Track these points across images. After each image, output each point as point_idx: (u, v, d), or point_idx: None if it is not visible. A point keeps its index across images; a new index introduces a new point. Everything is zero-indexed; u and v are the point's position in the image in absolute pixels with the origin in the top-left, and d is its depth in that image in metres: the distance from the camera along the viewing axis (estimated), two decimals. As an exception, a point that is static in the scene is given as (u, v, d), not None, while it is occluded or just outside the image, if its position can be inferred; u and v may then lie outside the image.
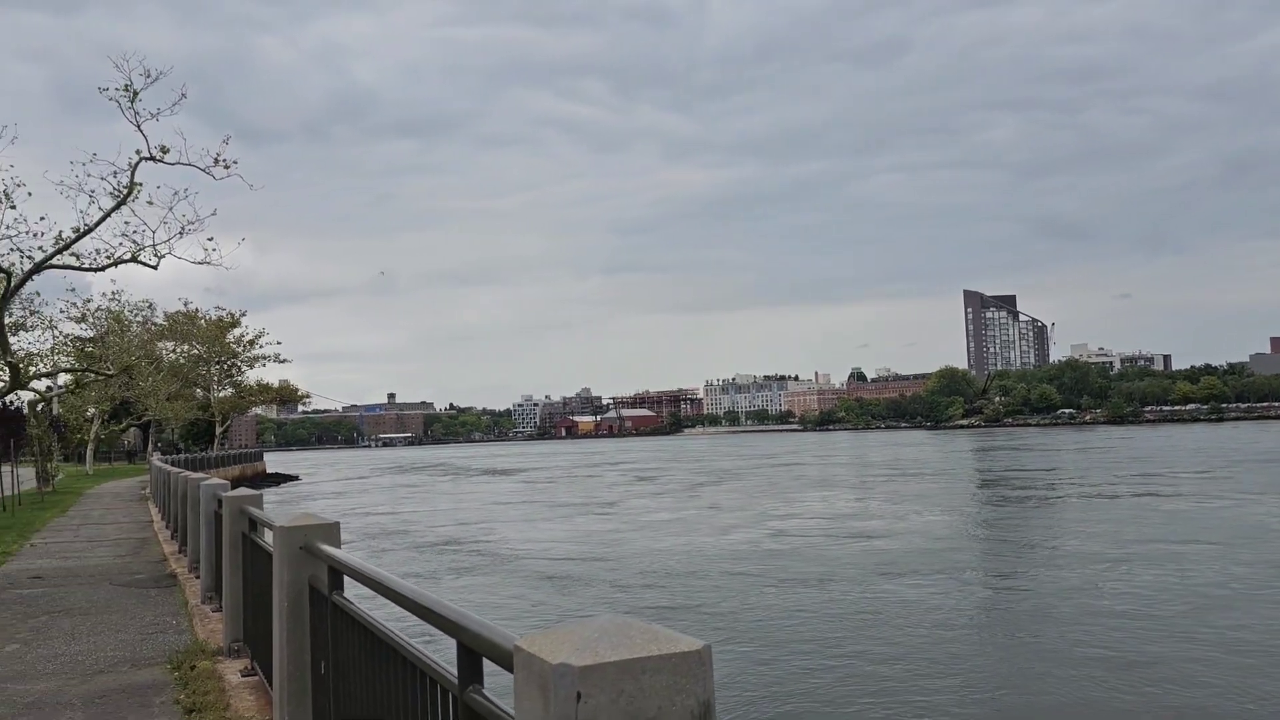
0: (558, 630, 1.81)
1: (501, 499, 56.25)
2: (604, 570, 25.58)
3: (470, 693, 2.54)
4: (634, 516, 41.27)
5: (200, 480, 11.77)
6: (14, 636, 9.65)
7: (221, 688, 6.93)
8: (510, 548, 31.15)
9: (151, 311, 56.38)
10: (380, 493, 67.37)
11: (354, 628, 3.92)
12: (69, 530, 22.09)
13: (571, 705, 1.66)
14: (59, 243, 21.53)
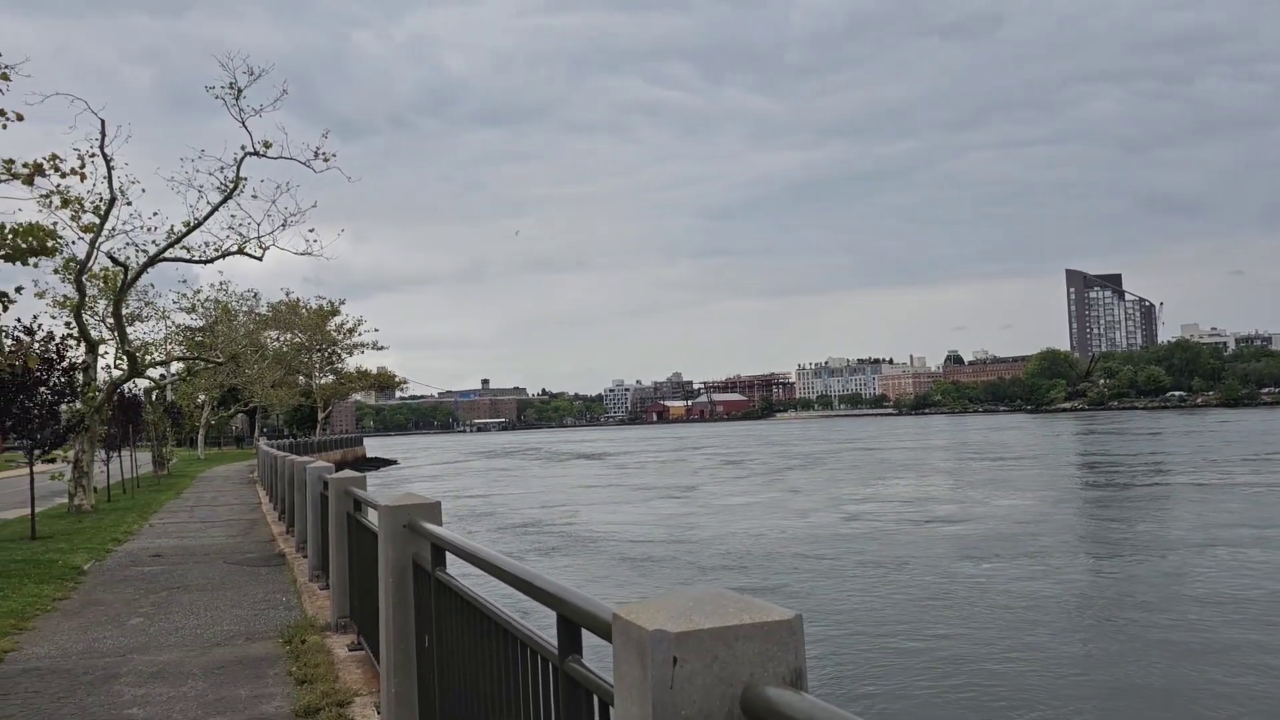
0: (654, 600, 1.89)
1: (589, 482, 56.85)
2: (683, 551, 25.75)
3: (570, 662, 2.65)
4: (716, 499, 41.38)
5: (306, 464, 12.22)
6: (138, 610, 10.18)
7: (330, 661, 7.22)
8: (594, 529, 31.51)
9: (256, 301, 58.27)
10: (474, 476, 68.66)
11: (456, 602, 4.07)
12: (184, 511, 23.10)
13: (668, 669, 1.74)
14: (171, 236, 22.44)
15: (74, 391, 19.58)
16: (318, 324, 76.17)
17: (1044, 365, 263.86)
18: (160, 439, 41.66)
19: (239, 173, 21.81)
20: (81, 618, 9.92)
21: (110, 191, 20.52)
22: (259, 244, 22.93)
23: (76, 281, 22.68)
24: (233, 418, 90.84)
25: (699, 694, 1.75)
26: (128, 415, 29.73)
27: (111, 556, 14.86)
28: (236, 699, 6.60)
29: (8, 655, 8.22)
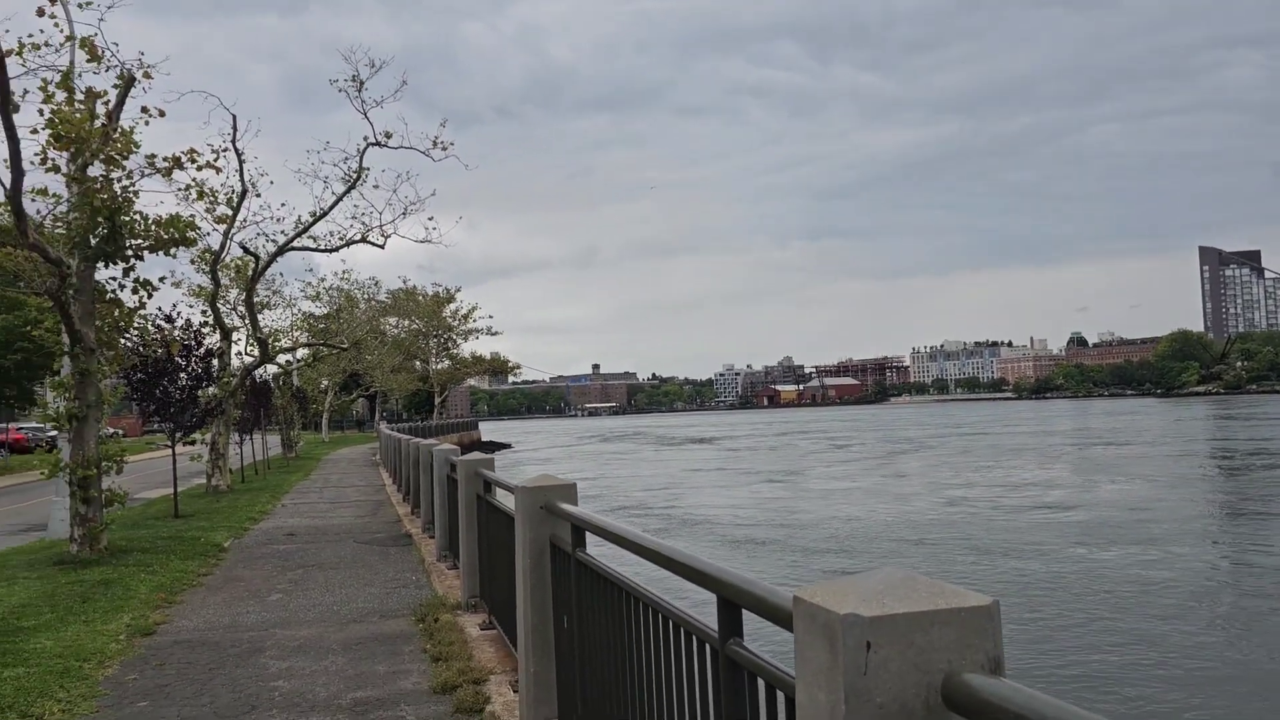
0: (839, 582, 1.82)
1: (697, 466, 56.87)
2: (787, 534, 25.51)
3: (732, 645, 2.60)
4: (821, 484, 40.95)
5: (432, 447, 12.48)
6: (276, 587, 10.57)
7: (464, 639, 7.35)
8: (699, 512, 31.46)
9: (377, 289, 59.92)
10: (585, 459, 69.40)
11: (599, 583, 4.07)
12: (313, 492, 23.93)
13: (861, 655, 1.67)
14: (298, 226, 23.22)
15: (210, 377, 20.43)
16: (434, 311, 77.88)
17: (1175, 347, 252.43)
18: (288, 423, 43.28)
19: (361, 163, 22.43)
20: (225, 593, 10.34)
21: (242, 184, 21.34)
22: (381, 232, 23.56)
23: (212, 271, 23.67)
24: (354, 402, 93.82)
25: (893, 680, 1.67)
26: (259, 399, 30.92)
27: (249, 534, 15.48)
28: (375, 674, 6.78)
29: (159, 627, 8.63)
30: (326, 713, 5.93)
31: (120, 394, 16.54)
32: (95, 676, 6.93)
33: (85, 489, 12.69)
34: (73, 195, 13.02)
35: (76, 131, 12.40)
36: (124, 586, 10.51)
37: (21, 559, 12.99)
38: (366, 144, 22.30)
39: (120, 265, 13.58)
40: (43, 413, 16.18)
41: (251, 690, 6.48)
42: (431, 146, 22.55)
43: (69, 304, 12.53)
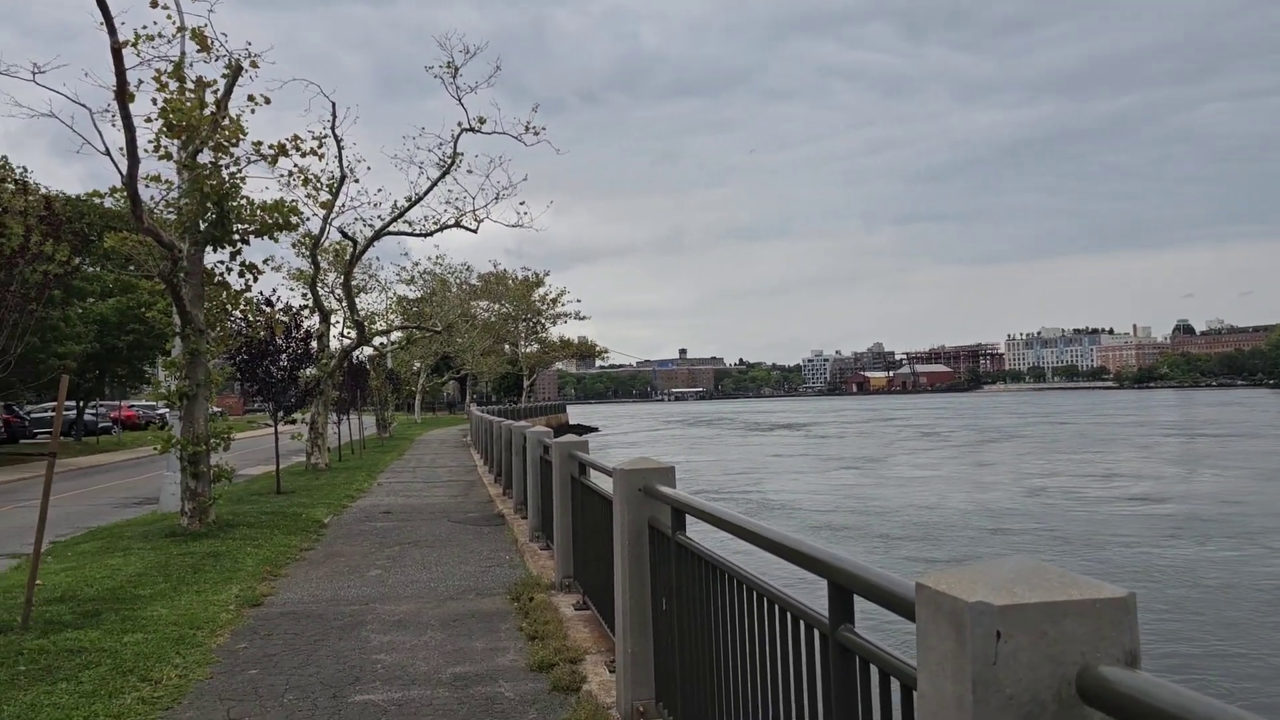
0: (965, 570, 1.79)
1: (781, 451, 56.51)
2: (866, 521, 25.19)
3: (843, 631, 2.58)
4: (905, 471, 40.37)
5: (525, 429, 12.63)
6: (374, 563, 10.84)
7: (559, 619, 7.44)
8: (780, 497, 31.25)
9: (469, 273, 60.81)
10: (671, 443, 69.48)
11: (700, 566, 4.07)
12: (407, 472, 24.45)
13: (990, 644, 1.64)
14: (394, 211, 23.68)
15: (310, 358, 21.00)
16: (523, 295, 78.75)
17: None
18: (383, 404, 44.28)
19: (455, 148, 22.74)
20: (326, 567, 10.64)
21: (340, 170, 21.85)
22: (474, 217, 23.89)
23: (312, 255, 24.30)
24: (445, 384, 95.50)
25: (1024, 672, 1.64)
26: (356, 380, 31.68)
27: (347, 511, 15.90)
28: (473, 651, 6.90)
29: (266, 599, 8.92)
30: (427, 686, 6.06)
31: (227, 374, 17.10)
32: (208, 644, 7.20)
33: (195, 465, 13.17)
34: (184, 181, 13.48)
35: (188, 120, 12.83)
36: (232, 559, 10.89)
37: (136, 530, 13.55)
38: (460, 129, 22.62)
39: (228, 249, 14.03)
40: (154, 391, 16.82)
41: (354, 662, 6.66)
42: (524, 131, 22.77)
43: (180, 286, 12.99)
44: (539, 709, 5.56)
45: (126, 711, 5.62)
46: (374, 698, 5.86)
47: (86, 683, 6.13)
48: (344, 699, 5.85)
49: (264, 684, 6.21)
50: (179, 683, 6.23)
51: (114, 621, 7.82)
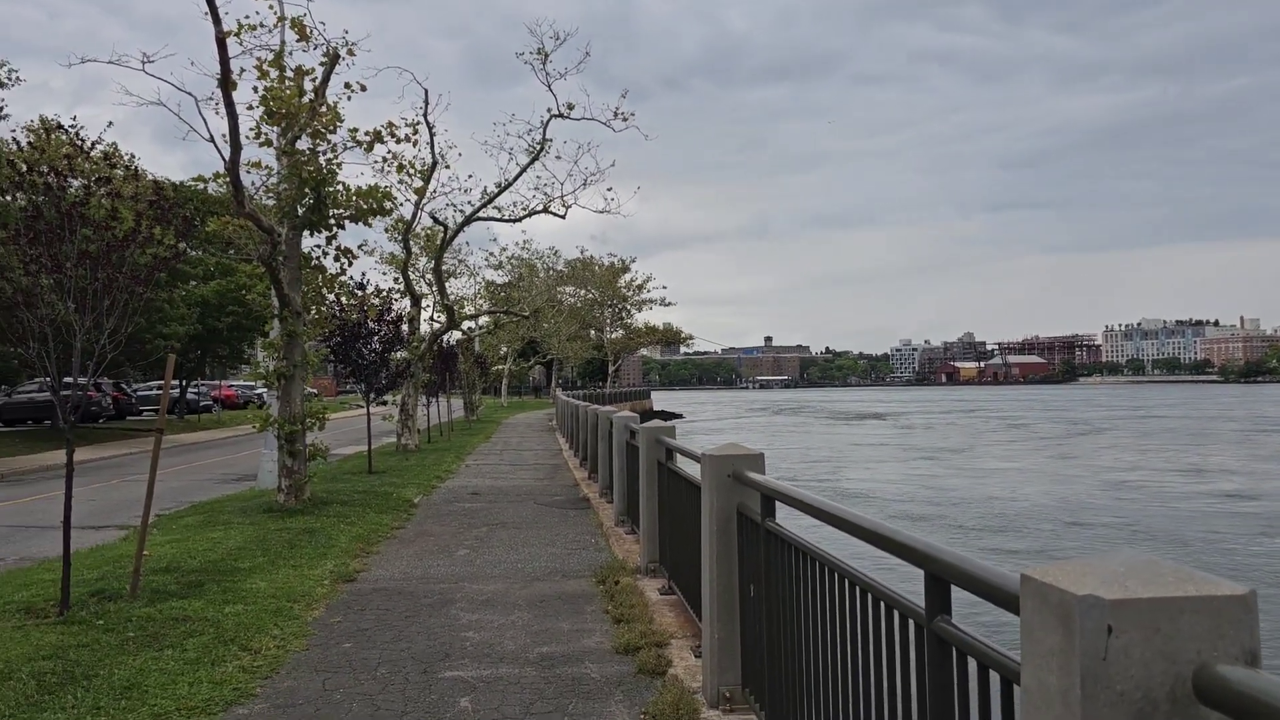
0: (1074, 563, 1.74)
1: (864, 440, 55.86)
2: (943, 511, 24.71)
3: (939, 622, 2.54)
4: (986, 462, 39.59)
5: (612, 414, 12.70)
6: (463, 543, 11.03)
7: (644, 603, 7.48)
8: (858, 486, 30.84)
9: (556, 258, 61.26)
10: (754, 431, 69.17)
11: (791, 553, 4.05)
12: (494, 455, 24.80)
13: (1101, 639, 1.59)
14: (484, 197, 23.96)
15: (401, 341, 21.41)
16: (609, 281, 79.08)
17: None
18: (470, 387, 44.96)
19: (545, 134, 22.90)
20: (416, 546, 10.87)
21: (432, 156, 22.17)
22: (562, 202, 24.04)
23: (404, 240, 24.76)
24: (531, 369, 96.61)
25: (1137, 668, 1.59)
26: (445, 364, 32.22)
27: (436, 492, 16.20)
28: (559, 631, 6.98)
29: (359, 575, 9.15)
30: (515, 665, 6.16)
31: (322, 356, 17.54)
32: (304, 617, 7.42)
33: (291, 443, 13.56)
34: (283, 168, 13.84)
35: (287, 107, 13.16)
36: (326, 535, 11.19)
37: (235, 506, 14.02)
38: (550, 115, 22.76)
39: (324, 234, 14.38)
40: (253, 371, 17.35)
41: (445, 639, 6.79)
42: (612, 117, 22.83)
43: (279, 270, 13.36)
44: (625, 691, 5.60)
45: (228, 679, 5.82)
46: (464, 674, 5.97)
47: (191, 650, 6.37)
48: (434, 674, 5.97)
49: (358, 657, 6.38)
50: (277, 653, 6.43)
51: (216, 592, 8.11)
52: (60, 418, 7.70)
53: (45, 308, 7.40)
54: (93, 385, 8.02)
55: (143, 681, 5.72)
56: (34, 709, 5.25)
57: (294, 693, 5.65)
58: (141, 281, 7.92)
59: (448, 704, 5.43)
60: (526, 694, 5.58)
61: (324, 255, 14.67)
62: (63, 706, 5.29)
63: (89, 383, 7.90)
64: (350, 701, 5.49)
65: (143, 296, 7.97)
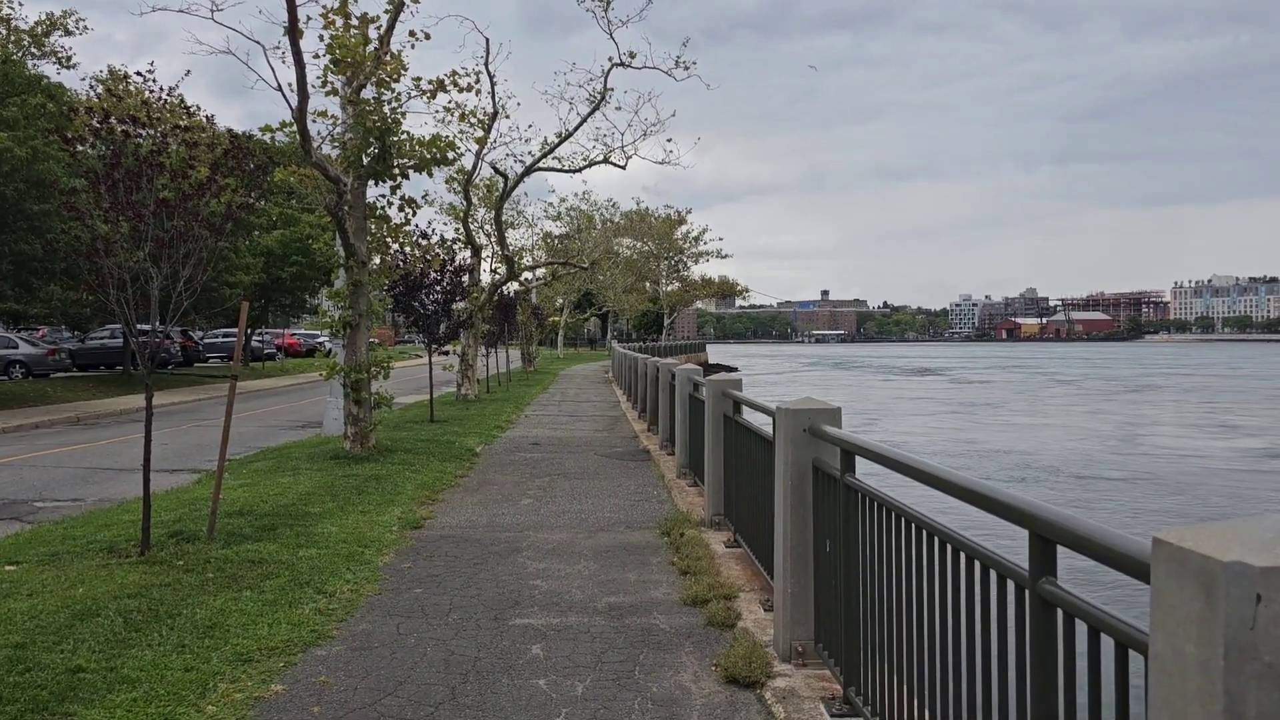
0: (1216, 527, 1.67)
1: (906, 395, 55.41)
2: (964, 463, 24.40)
3: (1044, 584, 2.47)
4: (1020, 418, 39.15)
5: (675, 366, 12.66)
6: (526, 492, 11.12)
7: (710, 555, 7.48)
8: (881, 439, 30.59)
9: (614, 210, 61.09)
10: (807, 385, 68.82)
11: (873, 509, 3.99)
12: (552, 406, 24.95)
13: (1248, 608, 1.52)
14: (544, 147, 23.86)
15: (462, 291, 21.52)
16: (666, 233, 78.68)
17: None
18: (528, 338, 45.21)
19: (606, 84, 22.68)
20: (480, 494, 10.98)
21: (493, 105, 22.08)
22: (622, 153, 23.86)
23: (464, 190, 24.79)
24: (587, 320, 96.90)
25: (1286, 639, 1.52)
26: (504, 315, 32.39)
27: (497, 442, 16.35)
28: (625, 582, 7.01)
29: (426, 522, 9.27)
30: (584, 614, 6.20)
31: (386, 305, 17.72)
32: (375, 562, 7.54)
33: (357, 391, 13.73)
34: (348, 117, 13.87)
35: (353, 55, 13.16)
36: (392, 482, 11.35)
37: (303, 452, 14.28)
38: (611, 64, 22.50)
39: (388, 183, 14.42)
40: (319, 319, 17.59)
41: (513, 587, 6.86)
42: (674, 66, 22.50)
43: (344, 219, 13.44)
44: (694, 643, 5.61)
45: (306, 620, 5.94)
46: (533, 622, 6.02)
47: (268, 592, 6.51)
48: (505, 621, 6.03)
49: (429, 603, 6.47)
50: (351, 596, 6.54)
51: (289, 536, 8.27)
52: (141, 363, 7.86)
53: (123, 255, 7.52)
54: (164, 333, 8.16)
55: (224, 621, 5.86)
56: (122, 645, 5.40)
57: (369, 636, 5.75)
58: (215, 230, 8.00)
59: (519, 651, 5.48)
60: (597, 643, 5.61)
61: (389, 205, 14.74)
62: (149, 644, 5.44)
63: (166, 330, 8.03)
64: (424, 646, 5.57)
65: (216, 245, 8.06)
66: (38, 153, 21.41)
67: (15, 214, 22.01)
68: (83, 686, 4.79)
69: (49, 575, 6.95)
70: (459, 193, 26.98)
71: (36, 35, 39.90)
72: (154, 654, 5.28)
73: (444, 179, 28.50)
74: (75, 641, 5.43)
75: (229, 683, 4.92)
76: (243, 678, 5.00)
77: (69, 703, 4.60)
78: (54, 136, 9.14)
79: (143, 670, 5.03)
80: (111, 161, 7.64)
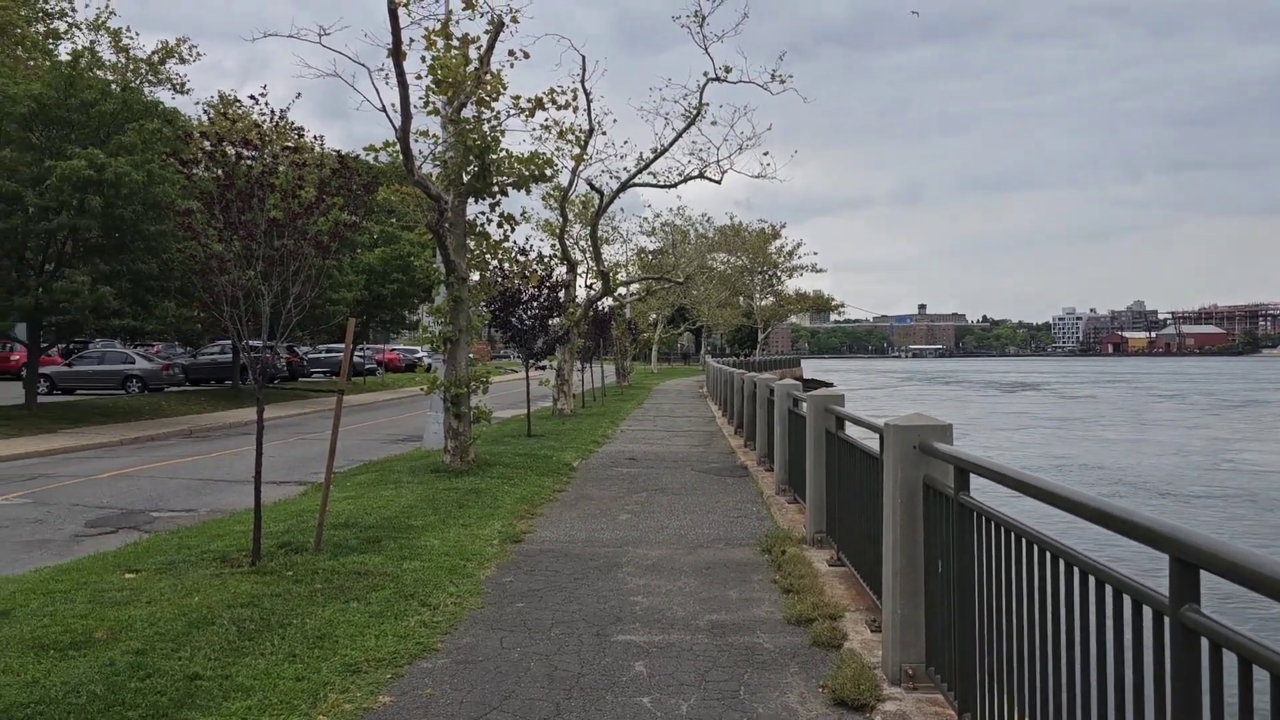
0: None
1: (1000, 410, 54.06)
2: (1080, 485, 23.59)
3: (1187, 611, 2.33)
4: (1110, 434, 37.81)
5: (773, 381, 12.54)
6: (624, 507, 11.11)
7: (813, 574, 7.34)
8: (987, 455, 29.82)
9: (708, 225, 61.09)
10: (901, 399, 67.70)
11: (989, 530, 3.85)
12: (648, 420, 24.97)
13: None
14: (640, 163, 23.97)
15: (559, 307, 21.71)
16: (760, 247, 78.29)
17: None
18: (622, 353, 45.42)
19: (701, 99, 22.68)
20: (578, 509, 11.01)
21: (589, 122, 22.29)
22: (717, 167, 23.82)
23: (560, 207, 25.05)
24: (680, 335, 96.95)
25: None
26: (600, 330, 32.58)
27: (593, 456, 16.41)
28: (727, 599, 6.93)
29: (526, 536, 9.33)
30: (686, 631, 6.14)
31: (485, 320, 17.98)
32: (477, 576, 7.60)
33: (457, 405, 13.93)
34: (449, 136, 14.13)
35: (454, 76, 13.40)
36: (492, 496, 11.46)
37: (404, 465, 14.53)
38: (707, 79, 22.50)
39: (487, 200, 14.63)
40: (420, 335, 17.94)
41: (614, 602, 6.84)
42: (770, 80, 22.39)
43: (445, 236, 13.68)
44: (800, 663, 5.50)
45: (411, 633, 6.01)
46: (635, 638, 5.98)
47: (374, 604, 6.61)
48: (607, 637, 6.01)
49: (531, 617, 6.48)
50: (455, 610, 6.60)
51: (393, 549, 8.40)
52: (252, 377, 8.09)
53: (236, 273, 7.76)
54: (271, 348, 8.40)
55: (332, 632, 5.96)
56: (236, 653, 5.53)
57: (473, 649, 5.78)
58: (323, 248, 8.21)
59: (622, 667, 5.45)
60: (700, 662, 5.55)
61: (488, 222, 14.96)
62: (261, 652, 5.56)
63: (276, 345, 8.26)
64: (527, 660, 5.58)
65: (324, 263, 8.26)
66: (154, 176, 22.35)
67: (133, 235, 22.98)
68: (200, 693, 4.92)
69: (166, 583, 7.18)
70: (555, 209, 27.31)
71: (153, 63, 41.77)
72: (266, 662, 5.40)
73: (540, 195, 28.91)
74: (192, 649, 5.58)
75: (338, 693, 5.00)
76: (352, 688, 5.07)
77: (187, 709, 4.73)
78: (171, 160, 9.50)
79: (256, 679, 5.14)
80: (225, 183, 7.90)
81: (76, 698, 4.79)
